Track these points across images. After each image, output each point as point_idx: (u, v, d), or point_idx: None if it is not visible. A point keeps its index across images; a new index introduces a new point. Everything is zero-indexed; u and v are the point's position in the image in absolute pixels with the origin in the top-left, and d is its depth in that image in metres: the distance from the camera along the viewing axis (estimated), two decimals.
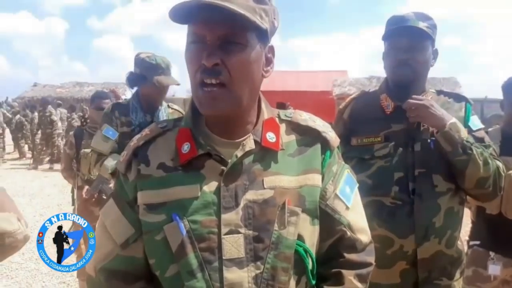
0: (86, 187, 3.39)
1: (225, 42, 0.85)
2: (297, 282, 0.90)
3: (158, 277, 0.91)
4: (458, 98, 1.73)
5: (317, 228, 0.93)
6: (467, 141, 1.52)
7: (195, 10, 0.82)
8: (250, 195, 0.88)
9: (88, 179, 3.46)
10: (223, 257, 0.85)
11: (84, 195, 3.37)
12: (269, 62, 0.95)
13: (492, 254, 2.02)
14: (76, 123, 10.43)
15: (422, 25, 1.59)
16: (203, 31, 0.85)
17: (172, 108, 2.47)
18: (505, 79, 2.16)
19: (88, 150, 3.46)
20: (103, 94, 3.60)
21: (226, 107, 0.87)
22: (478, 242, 2.09)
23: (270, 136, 0.94)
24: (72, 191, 3.65)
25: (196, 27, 0.86)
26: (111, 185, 3.42)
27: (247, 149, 0.91)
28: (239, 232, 0.87)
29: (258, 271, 0.86)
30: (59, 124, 11.42)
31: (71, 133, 3.72)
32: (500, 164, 1.59)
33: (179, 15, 0.85)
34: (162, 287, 0.92)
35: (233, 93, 0.87)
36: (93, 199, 3.32)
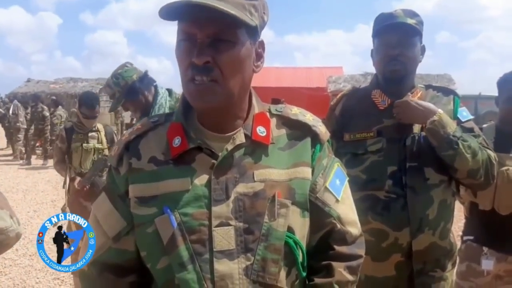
0: (79, 178, 3.40)
1: (215, 40, 0.85)
2: (287, 274, 0.91)
3: (149, 269, 0.92)
4: (446, 91, 1.76)
5: (307, 220, 0.94)
6: (453, 136, 1.54)
7: (184, 8, 0.83)
8: (241, 188, 0.89)
9: (80, 172, 3.47)
10: (214, 249, 0.86)
11: (76, 186, 3.37)
12: (259, 57, 0.95)
13: (485, 249, 2.04)
14: (57, 120, 10.38)
15: (410, 21, 1.62)
16: (193, 30, 0.86)
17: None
18: (499, 75, 2.17)
19: (78, 144, 3.49)
20: (94, 104, 3.55)
21: (216, 101, 0.88)
22: (471, 237, 2.10)
23: (261, 130, 0.94)
24: (66, 187, 3.64)
25: (186, 25, 0.87)
26: (104, 178, 3.43)
27: (237, 142, 0.91)
28: (229, 224, 0.87)
29: (248, 263, 0.87)
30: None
31: (61, 127, 3.71)
32: (491, 153, 1.61)
33: (168, 13, 0.85)
34: (153, 280, 0.92)
35: (224, 89, 0.88)
36: (85, 190, 3.33)
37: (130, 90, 2.33)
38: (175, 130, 0.94)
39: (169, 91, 2.44)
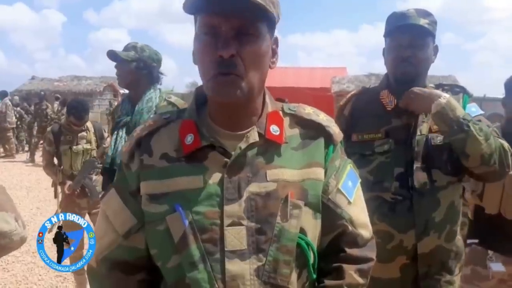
0: (69, 182, 3.41)
1: (239, 33, 0.85)
2: (299, 276, 0.90)
3: (159, 268, 0.91)
4: (456, 90, 1.74)
5: (319, 222, 0.93)
6: (463, 119, 1.50)
7: (210, 1, 0.82)
8: (253, 188, 0.88)
9: (71, 174, 3.47)
10: (225, 249, 0.85)
11: (66, 191, 3.39)
12: (274, 53, 0.95)
13: (490, 252, 2.02)
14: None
15: (423, 21, 1.60)
16: (218, 22, 0.84)
17: (167, 101, 2.35)
18: (504, 77, 2.15)
19: (67, 147, 3.49)
20: (82, 114, 3.53)
21: (240, 95, 0.87)
22: (476, 241, 2.08)
23: (274, 129, 0.93)
24: (54, 186, 3.64)
25: (211, 17, 0.85)
26: (94, 177, 3.45)
27: (251, 141, 0.91)
28: (241, 224, 0.86)
29: (260, 263, 0.86)
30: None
31: (49, 129, 3.69)
32: (504, 143, 1.55)
33: (192, 5, 0.84)
34: (163, 278, 0.92)
35: (246, 84, 0.87)
36: (76, 193, 3.35)
37: (142, 64, 2.33)
38: (188, 127, 0.93)
39: (161, 90, 2.43)
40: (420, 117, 1.63)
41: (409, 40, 1.60)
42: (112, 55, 2.32)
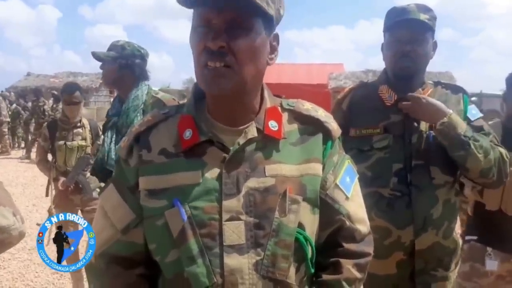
0: (62, 178, 3.38)
1: (231, 27, 0.85)
2: (297, 270, 0.90)
3: (158, 262, 0.92)
4: (456, 89, 1.74)
5: (317, 217, 0.94)
6: (464, 136, 1.51)
7: None
8: (252, 183, 0.89)
9: (65, 170, 3.45)
10: (224, 243, 0.86)
11: (60, 187, 3.37)
12: (273, 50, 0.95)
13: (489, 249, 2.01)
14: (59, 114, 10.28)
15: (423, 17, 1.59)
16: (209, 15, 0.86)
17: (154, 97, 2.32)
18: (501, 73, 2.13)
19: (62, 143, 3.46)
20: (73, 89, 3.52)
21: (230, 86, 0.87)
22: (475, 237, 2.08)
23: (273, 125, 0.94)
24: (47, 183, 3.60)
25: (203, 10, 0.86)
26: (88, 174, 3.42)
27: (249, 136, 0.91)
28: (240, 219, 0.87)
29: (258, 258, 0.86)
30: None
31: (45, 125, 3.67)
32: (503, 151, 1.59)
33: None
34: (161, 273, 0.92)
35: (237, 75, 0.87)
36: (69, 189, 3.34)
37: (124, 61, 2.32)
38: (186, 122, 0.93)
39: (148, 87, 2.41)
40: None
41: (409, 35, 1.59)
42: (94, 56, 2.34)
